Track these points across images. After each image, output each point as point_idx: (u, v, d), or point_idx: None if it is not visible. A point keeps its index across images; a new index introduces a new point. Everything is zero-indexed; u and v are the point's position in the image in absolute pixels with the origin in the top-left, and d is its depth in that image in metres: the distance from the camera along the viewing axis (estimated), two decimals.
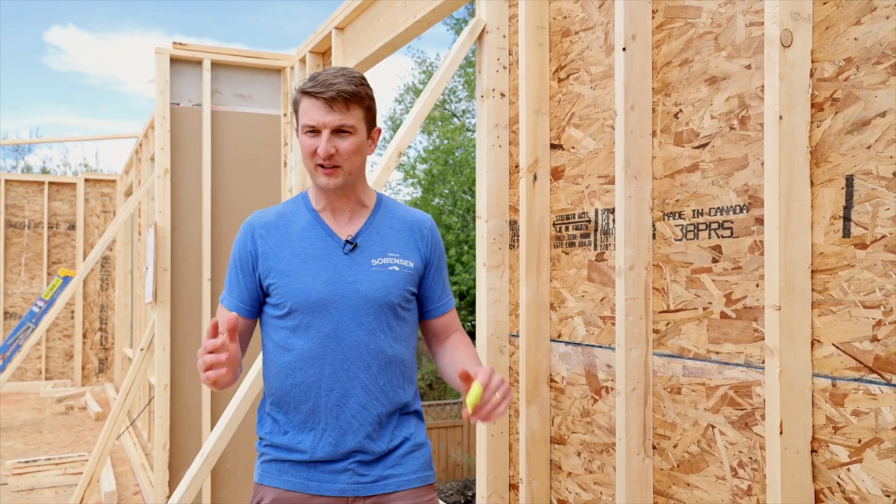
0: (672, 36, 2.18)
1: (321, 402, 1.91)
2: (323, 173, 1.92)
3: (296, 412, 1.94)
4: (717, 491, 2.02)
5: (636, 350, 2.22)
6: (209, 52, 5.33)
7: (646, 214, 2.23)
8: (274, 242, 1.98)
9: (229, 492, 5.32)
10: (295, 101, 1.95)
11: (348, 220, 2.00)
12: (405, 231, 2.04)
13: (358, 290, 1.92)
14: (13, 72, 63.64)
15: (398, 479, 1.94)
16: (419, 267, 2.02)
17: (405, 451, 1.98)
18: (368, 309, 1.92)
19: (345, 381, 1.91)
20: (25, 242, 12.20)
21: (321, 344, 1.91)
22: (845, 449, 1.67)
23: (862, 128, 1.64)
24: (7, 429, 8.86)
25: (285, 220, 2.02)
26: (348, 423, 1.91)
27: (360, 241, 1.97)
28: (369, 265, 1.95)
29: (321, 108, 1.88)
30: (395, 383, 1.97)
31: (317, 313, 1.91)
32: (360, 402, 1.91)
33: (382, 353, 1.93)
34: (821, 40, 1.73)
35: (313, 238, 1.97)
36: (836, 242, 1.69)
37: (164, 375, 5.13)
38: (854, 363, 1.65)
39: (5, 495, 6.10)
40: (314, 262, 1.94)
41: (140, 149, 8.53)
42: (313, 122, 1.88)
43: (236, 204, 5.42)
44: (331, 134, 1.88)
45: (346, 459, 1.92)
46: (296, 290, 1.92)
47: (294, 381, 1.93)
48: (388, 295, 1.94)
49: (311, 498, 1.92)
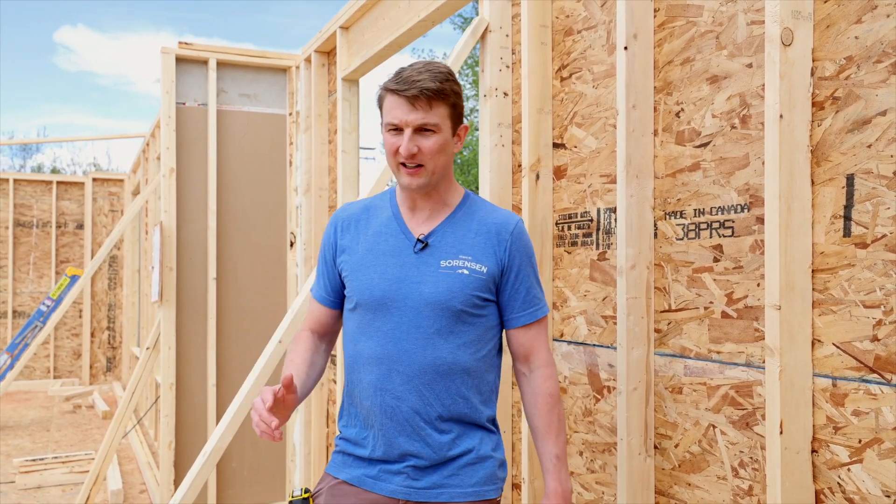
0: (674, 35, 2.17)
1: (376, 401, 1.89)
2: (406, 172, 1.89)
3: (359, 407, 1.95)
4: (718, 491, 2.02)
5: (637, 349, 2.22)
6: (214, 51, 5.34)
7: (647, 213, 2.23)
8: (353, 236, 1.99)
9: (235, 491, 5.34)
10: (379, 97, 1.92)
11: (426, 219, 1.96)
12: (484, 234, 1.95)
13: (421, 292, 1.87)
14: (23, 72, 63.93)
15: (453, 491, 1.90)
16: (494, 272, 1.93)
17: (465, 463, 1.91)
18: (430, 312, 1.87)
19: (399, 383, 1.87)
20: (34, 242, 12.24)
21: (379, 344, 1.89)
22: (846, 449, 1.67)
23: (862, 126, 1.63)
24: (15, 427, 8.90)
25: (368, 215, 2.02)
26: (401, 427, 1.88)
27: (431, 241, 1.93)
28: (437, 266, 1.90)
29: (404, 105, 1.85)
30: (455, 391, 1.90)
31: (378, 311, 1.89)
32: (414, 406, 1.87)
33: (440, 359, 1.87)
34: (822, 39, 1.72)
35: (388, 234, 1.96)
36: (837, 242, 1.68)
37: (170, 374, 5.14)
38: (854, 363, 1.65)
39: (12, 493, 6.13)
40: (384, 258, 1.92)
41: (147, 148, 8.55)
42: (396, 120, 1.85)
43: (242, 203, 5.43)
44: (413, 132, 1.85)
45: (401, 462, 1.89)
46: (362, 285, 1.92)
47: (357, 376, 1.94)
48: (452, 299, 1.87)
49: (364, 493, 1.91)
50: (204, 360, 5.28)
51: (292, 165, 5.49)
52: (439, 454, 1.89)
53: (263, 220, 5.49)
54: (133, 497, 6.05)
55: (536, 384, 1.97)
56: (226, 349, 5.33)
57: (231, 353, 5.33)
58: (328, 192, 4.90)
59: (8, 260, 11.97)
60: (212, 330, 5.26)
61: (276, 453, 5.46)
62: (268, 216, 5.50)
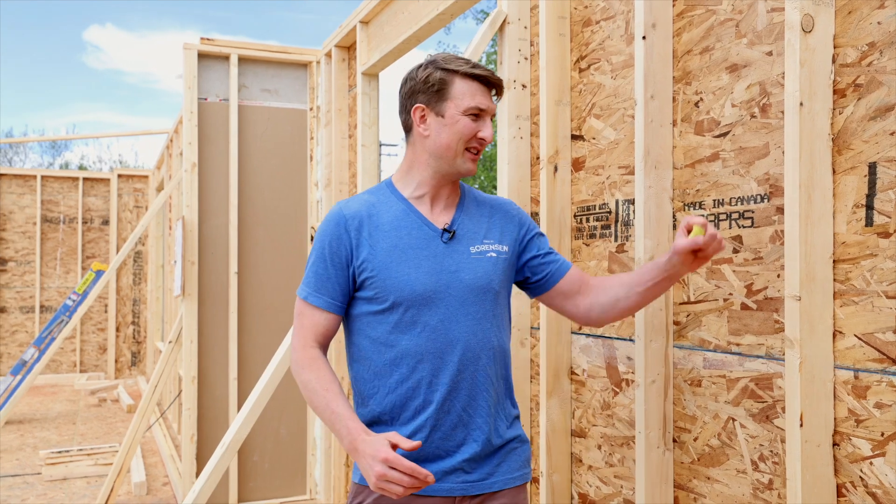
0: (693, 23, 2.14)
1: (430, 398, 1.83)
2: (471, 158, 1.91)
3: (404, 411, 1.85)
4: (737, 485, 1.99)
5: (656, 342, 2.20)
6: (236, 47, 5.36)
7: (666, 205, 2.20)
8: (367, 233, 1.89)
9: (256, 484, 5.36)
10: (441, 80, 1.88)
11: (443, 209, 1.95)
12: (494, 216, 2.01)
13: (461, 280, 1.87)
14: (53, 70, 64.70)
15: (503, 478, 1.89)
16: (514, 249, 1.99)
17: (510, 448, 1.93)
18: (474, 298, 1.87)
19: (454, 374, 1.84)
20: (60, 237, 12.38)
21: (429, 338, 1.84)
22: (868, 442, 1.64)
23: (885, 114, 1.60)
24: (42, 420, 9.01)
25: (376, 210, 1.93)
26: (457, 419, 1.84)
27: (456, 230, 1.93)
28: (468, 253, 1.90)
29: (486, 93, 1.90)
30: (501, 374, 1.93)
31: (422, 306, 1.84)
32: (472, 395, 1.85)
33: (489, 343, 1.89)
34: (843, 25, 1.69)
35: (409, 228, 1.90)
36: (859, 231, 1.65)
37: (192, 368, 5.17)
38: (877, 354, 1.62)
39: (39, 484, 6.20)
40: (413, 252, 1.87)
41: (171, 144, 8.61)
42: (483, 105, 1.88)
43: (262, 198, 5.45)
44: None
45: (456, 457, 1.85)
46: (398, 282, 1.84)
47: (399, 378, 1.84)
48: (491, 282, 1.90)
49: (416, 499, 1.83)
50: (226, 354, 5.30)
51: (313, 160, 5.50)
52: (493, 442, 1.88)
53: (284, 215, 5.50)
54: (156, 489, 6.10)
55: (597, 279, 2.01)
56: (247, 343, 5.35)
57: (252, 347, 5.35)
58: (348, 187, 4.91)
59: (35, 255, 12.12)
60: (233, 324, 5.28)
61: (297, 448, 5.48)
62: (288, 211, 5.51)
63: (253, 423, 2.60)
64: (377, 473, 1.60)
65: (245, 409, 2.61)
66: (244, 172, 5.40)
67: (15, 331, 12.05)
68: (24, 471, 6.64)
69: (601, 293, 1.95)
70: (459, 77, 1.88)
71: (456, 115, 1.87)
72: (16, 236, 12.08)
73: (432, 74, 1.90)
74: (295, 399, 5.45)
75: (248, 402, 2.65)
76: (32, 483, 6.26)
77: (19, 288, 12.08)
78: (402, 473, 1.59)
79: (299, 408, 5.48)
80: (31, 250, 12.14)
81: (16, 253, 12.07)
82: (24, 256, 12.12)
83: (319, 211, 5.20)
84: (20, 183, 12.17)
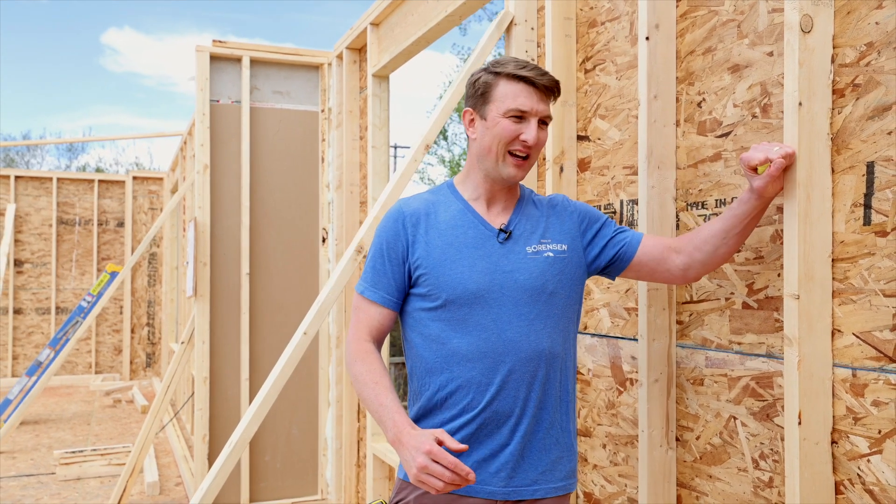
0: (696, 24, 2.16)
1: (479, 398, 1.83)
2: (514, 163, 1.87)
3: (451, 409, 1.86)
4: (738, 483, 2.00)
5: (659, 341, 2.21)
6: (248, 49, 5.41)
7: (669, 204, 2.22)
8: (424, 231, 1.91)
9: (267, 484, 5.40)
10: (487, 82, 1.89)
11: (501, 210, 1.95)
12: (551, 215, 1.98)
13: (516, 280, 1.85)
14: (71, 73, 65.22)
15: (547, 486, 1.87)
16: (575, 246, 1.95)
17: (557, 456, 1.89)
18: (528, 299, 1.84)
19: (504, 374, 1.82)
20: (76, 239, 12.49)
21: (480, 337, 1.83)
22: (865, 440, 1.65)
23: (883, 113, 1.61)
24: (57, 420, 9.09)
25: (433, 209, 1.95)
26: (505, 421, 1.83)
27: (513, 230, 1.91)
28: (524, 253, 1.88)
29: (534, 94, 1.85)
30: (554, 378, 1.88)
31: (475, 305, 1.83)
32: (519, 397, 1.83)
33: (542, 346, 1.85)
34: (842, 25, 1.70)
35: (465, 227, 1.91)
36: (857, 230, 1.66)
37: (204, 368, 5.21)
38: (874, 353, 1.62)
39: (53, 484, 6.26)
40: (468, 251, 1.87)
41: (185, 146, 8.68)
42: (525, 107, 1.83)
43: (274, 199, 5.49)
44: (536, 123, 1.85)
45: (500, 460, 1.84)
46: (452, 280, 1.84)
47: (450, 376, 1.85)
48: (547, 283, 1.87)
49: (458, 499, 1.83)
50: (237, 355, 5.34)
51: (324, 162, 5.54)
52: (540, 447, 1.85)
53: (295, 216, 5.54)
54: (169, 489, 6.15)
55: (681, 238, 1.93)
56: (258, 343, 5.39)
57: (264, 348, 5.39)
58: (359, 188, 4.94)
59: (51, 257, 12.23)
60: (245, 324, 5.32)
61: (309, 447, 5.51)
62: (300, 212, 5.55)
63: (262, 419, 2.62)
64: (419, 465, 1.58)
65: (254, 405, 2.63)
66: (256, 174, 5.44)
67: (31, 332, 12.16)
68: (38, 471, 6.71)
69: (695, 251, 1.87)
70: (503, 79, 1.86)
71: (497, 117, 1.86)
72: (32, 238, 12.19)
73: (480, 78, 1.91)
74: (307, 399, 5.49)
75: (258, 398, 2.67)
76: (47, 483, 6.32)
77: (35, 289, 12.19)
78: (444, 468, 1.57)
79: (311, 407, 5.51)
80: (47, 252, 12.25)
81: (32, 255, 12.19)
82: (40, 258, 12.23)
83: (331, 212, 5.23)
84: (36, 185, 12.28)
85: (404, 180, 2.93)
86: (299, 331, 2.78)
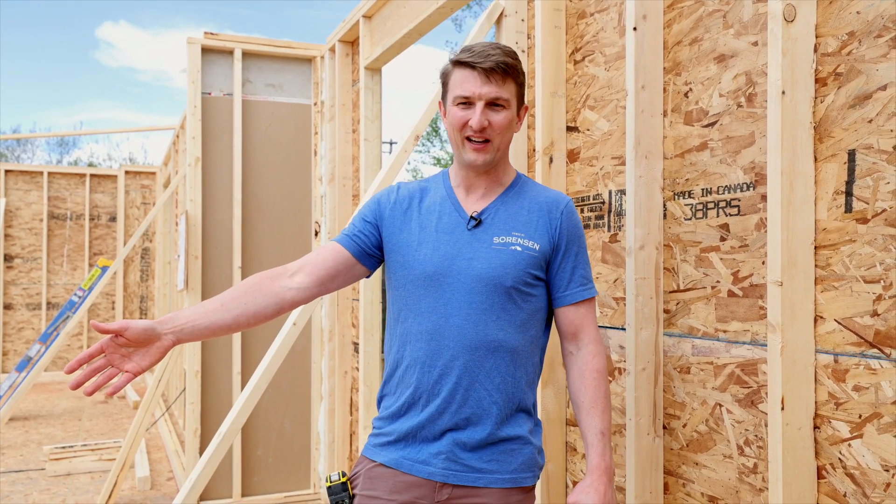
0: (682, 15, 2.18)
1: (423, 379, 1.86)
2: (472, 148, 1.87)
3: (404, 387, 1.90)
4: (724, 469, 2.02)
5: (646, 330, 2.23)
6: (240, 41, 5.41)
7: (656, 194, 2.24)
8: (403, 210, 1.96)
9: (260, 478, 5.41)
10: (445, 72, 1.91)
11: (480, 197, 1.95)
12: (536, 211, 1.94)
13: (473, 268, 1.85)
14: (66, 68, 64.93)
15: (491, 476, 1.85)
16: (546, 250, 1.91)
17: (507, 448, 1.88)
18: (482, 288, 1.84)
19: (448, 359, 1.84)
20: (67, 234, 12.45)
21: (429, 319, 1.86)
22: (846, 424, 1.67)
23: (864, 102, 1.63)
24: (48, 416, 9.08)
25: (423, 195, 2.00)
26: (446, 404, 1.84)
27: (484, 218, 1.91)
28: (490, 243, 1.87)
29: (477, 78, 1.83)
30: (504, 371, 1.87)
31: (429, 287, 1.86)
32: (462, 384, 1.84)
33: (490, 336, 1.84)
34: (825, 14, 1.72)
35: (441, 212, 1.94)
36: (839, 218, 1.68)
37: (195, 362, 5.22)
38: (855, 338, 1.65)
39: (42, 480, 6.26)
40: (436, 235, 1.90)
41: (177, 140, 8.67)
42: (468, 92, 1.83)
43: (266, 193, 5.49)
44: (484, 106, 1.83)
45: (442, 442, 1.85)
46: (413, 261, 1.89)
47: (402, 354, 1.90)
48: (504, 276, 1.84)
49: (401, 475, 1.87)
50: (229, 348, 5.35)
51: (317, 155, 5.54)
52: (482, 435, 1.85)
53: (288, 210, 5.55)
54: (160, 484, 6.15)
55: (584, 360, 1.92)
56: (251, 337, 5.40)
57: (256, 341, 5.40)
58: (352, 182, 4.95)
59: (42, 252, 12.19)
60: None
61: (301, 442, 5.52)
62: (292, 205, 5.56)
63: (252, 407, 2.64)
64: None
65: (244, 393, 2.65)
66: (248, 167, 5.44)
67: (21, 328, 12.13)
68: (27, 466, 6.70)
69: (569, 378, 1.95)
70: (454, 67, 1.88)
71: (450, 106, 1.89)
72: (22, 233, 12.16)
73: (442, 69, 1.93)
74: (299, 393, 5.50)
75: (248, 387, 2.69)
76: (36, 478, 6.31)
77: (26, 285, 12.16)
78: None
79: (303, 401, 5.52)
80: (38, 247, 12.22)
81: (22, 250, 12.15)
82: (31, 253, 12.20)
83: (323, 205, 5.24)
84: (27, 179, 12.25)
85: (394, 171, 2.95)
86: (289, 321, 2.79)
